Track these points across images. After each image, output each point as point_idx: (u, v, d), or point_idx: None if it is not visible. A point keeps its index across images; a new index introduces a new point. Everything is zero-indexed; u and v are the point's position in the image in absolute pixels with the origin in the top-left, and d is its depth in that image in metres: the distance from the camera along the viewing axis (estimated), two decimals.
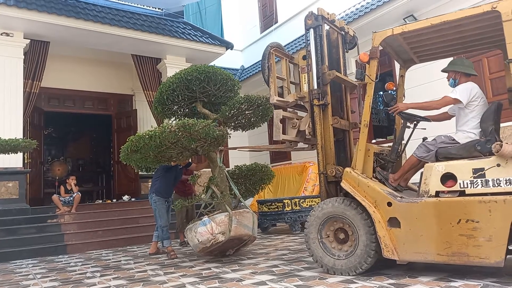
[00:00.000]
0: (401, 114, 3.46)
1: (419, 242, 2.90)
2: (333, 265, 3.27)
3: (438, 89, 5.44)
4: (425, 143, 3.30)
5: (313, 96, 3.62)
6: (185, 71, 4.97)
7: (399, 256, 2.98)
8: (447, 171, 2.91)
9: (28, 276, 4.35)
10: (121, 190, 9.74)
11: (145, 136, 4.06)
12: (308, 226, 3.44)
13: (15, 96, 7.16)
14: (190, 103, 5.26)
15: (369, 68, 3.33)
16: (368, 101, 3.31)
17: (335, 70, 3.63)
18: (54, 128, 12.11)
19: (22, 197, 7.03)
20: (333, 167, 3.54)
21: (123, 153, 4.36)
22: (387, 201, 3.06)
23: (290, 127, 3.94)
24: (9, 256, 5.79)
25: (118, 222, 7.37)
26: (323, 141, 3.61)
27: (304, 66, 3.84)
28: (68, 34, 7.56)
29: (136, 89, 9.89)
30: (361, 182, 3.23)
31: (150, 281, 3.63)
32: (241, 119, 5.25)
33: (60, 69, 8.96)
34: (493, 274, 2.93)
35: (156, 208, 5.17)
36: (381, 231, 3.03)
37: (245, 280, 3.36)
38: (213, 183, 4.74)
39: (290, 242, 5.66)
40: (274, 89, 3.84)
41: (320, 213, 3.38)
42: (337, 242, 3.34)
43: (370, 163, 3.39)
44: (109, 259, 5.36)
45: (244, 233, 4.46)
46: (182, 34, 8.68)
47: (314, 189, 8.64)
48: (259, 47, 11.59)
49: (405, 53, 3.75)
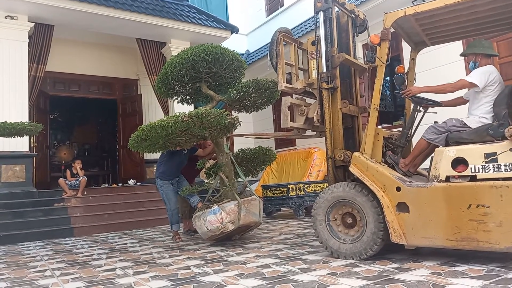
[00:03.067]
0: (413, 98, 3.38)
1: (428, 227, 2.88)
2: (338, 248, 3.27)
3: (444, 74, 5.37)
4: (435, 125, 3.25)
5: (322, 80, 3.54)
6: (191, 50, 4.85)
7: (407, 241, 2.97)
8: (458, 155, 2.87)
9: (35, 258, 4.42)
10: (126, 174, 9.80)
11: (156, 125, 4.02)
12: (316, 208, 3.43)
13: (21, 79, 7.15)
14: (194, 83, 5.17)
15: (380, 50, 3.25)
16: (378, 84, 3.24)
17: (344, 53, 3.55)
18: (59, 113, 12.15)
19: (29, 180, 7.09)
20: (341, 152, 3.49)
21: (133, 141, 4.32)
22: (396, 186, 3.03)
23: (298, 114, 3.87)
24: (16, 239, 5.88)
25: (123, 206, 7.44)
26: (331, 125, 3.55)
27: (313, 52, 3.74)
28: (72, 17, 7.50)
29: (141, 74, 9.85)
30: (369, 167, 3.19)
31: (155, 263, 3.67)
32: (246, 102, 5.23)
33: (65, 53, 8.93)
34: (498, 259, 2.92)
35: (163, 192, 5.16)
36: (390, 215, 3.01)
37: (249, 263, 3.38)
38: (221, 170, 4.73)
39: (294, 226, 5.69)
40: (282, 75, 3.76)
41: (329, 197, 3.35)
42: (345, 226, 3.32)
43: (379, 147, 3.33)
44: (115, 242, 5.42)
45: (252, 221, 4.52)
46: (187, 18, 8.58)
47: (318, 174, 8.64)
48: (265, 31, 11.47)
49: (417, 35, 3.65)
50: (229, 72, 5.20)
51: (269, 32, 11.98)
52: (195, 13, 8.95)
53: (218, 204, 4.36)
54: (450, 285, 2.38)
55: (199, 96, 5.57)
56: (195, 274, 3.13)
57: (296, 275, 2.85)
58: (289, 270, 3.02)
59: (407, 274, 2.69)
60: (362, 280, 2.59)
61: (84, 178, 7.75)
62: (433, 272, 2.70)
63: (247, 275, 2.97)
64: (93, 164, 12.96)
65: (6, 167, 6.88)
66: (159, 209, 7.55)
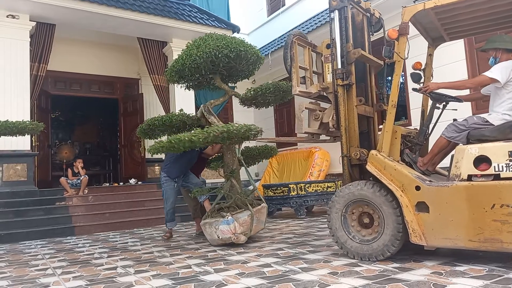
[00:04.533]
0: (431, 94, 3.27)
1: (449, 227, 2.79)
2: (354, 249, 3.17)
3: (446, 74, 5.35)
4: (455, 123, 3.12)
5: (337, 76, 3.43)
6: (213, 44, 4.65)
7: (427, 242, 2.88)
8: (481, 153, 2.76)
9: (36, 256, 4.43)
10: (127, 173, 9.82)
11: (186, 140, 3.99)
12: (332, 207, 3.33)
13: (22, 78, 7.17)
14: (208, 74, 5.06)
15: (398, 45, 3.14)
16: (396, 80, 3.15)
17: (360, 49, 3.45)
18: (61, 112, 12.17)
19: (30, 179, 7.10)
20: (357, 150, 3.37)
21: (155, 149, 4.27)
22: (415, 185, 2.94)
23: (312, 119, 3.78)
24: (18, 237, 5.89)
25: (125, 205, 7.45)
26: (346, 123, 3.44)
27: (328, 55, 3.65)
28: (74, 16, 7.51)
29: (142, 73, 9.87)
30: (387, 165, 3.09)
31: (156, 262, 3.67)
32: (259, 100, 5.24)
33: (66, 52, 8.95)
34: (499, 259, 2.92)
35: (164, 190, 5.15)
36: (409, 215, 2.92)
37: (250, 262, 3.38)
38: (233, 175, 4.71)
39: (295, 226, 5.69)
40: (297, 80, 3.67)
41: (345, 196, 3.25)
42: (361, 226, 3.22)
43: (397, 145, 3.23)
44: (116, 240, 5.43)
45: (260, 229, 4.56)
46: (188, 17, 8.58)
47: (319, 174, 8.65)
48: (266, 31, 11.47)
49: (435, 30, 3.55)
50: (246, 66, 5.14)
51: (270, 31, 11.94)
52: (197, 13, 8.95)
53: (232, 214, 4.29)
54: (451, 284, 2.37)
55: (209, 85, 5.51)
56: (196, 273, 3.13)
57: (297, 275, 2.85)
58: (289, 269, 3.02)
59: (408, 273, 2.68)
60: (363, 280, 2.59)
61: (85, 177, 7.76)
62: (434, 271, 2.69)
63: (248, 274, 2.97)
64: (95, 163, 12.97)
65: (8, 165, 6.90)
66: (160, 208, 7.52)
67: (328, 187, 7.04)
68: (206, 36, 4.89)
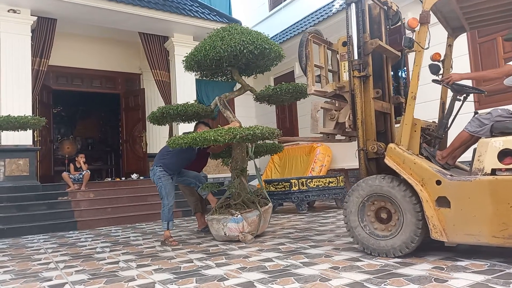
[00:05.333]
0: (453, 86, 3.17)
1: (471, 223, 2.71)
2: (371, 245, 3.09)
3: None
4: (479, 117, 3.02)
5: (354, 67, 3.32)
6: (238, 38, 4.53)
7: (448, 238, 2.80)
8: (505, 147, 2.67)
9: (39, 251, 4.45)
10: (129, 168, 9.84)
11: (212, 139, 3.95)
12: (348, 202, 3.23)
13: (24, 73, 7.17)
14: (227, 66, 4.97)
15: (419, 34, 3.03)
16: (416, 71, 3.05)
17: (377, 39, 3.33)
18: (63, 107, 12.20)
19: (33, 174, 7.12)
20: (374, 143, 3.28)
21: (176, 143, 4.18)
22: (436, 179, 2.84)
23: (328, 119, 3.68)
24: (20, 232, 5.92)
25: (127, 200, 7.48)
26: (363, 116, 3.33)
27: (344, 53, 3.54)
28: (75, 11, 7.49)
29: (143, 68, 9.85)
30: (406, 159, 3.00)
31: (158, 257, 3.69)
32: (275, 98, 5.21)
33: (67, 47, 8.94)
34: (500, 253, 2.91)
35: (162, 185, 4.56)
36: (429, 211, 2.82)
37: (251, 257, 3.39)
38: (244, 174, 4.69)
39: (297, 221, 5.70)
40: (312, 79, 3.56)
41: (363, 190, 3.16)
42: (379, 221, 3.13)
43: (416, 138, 3.13)
44: (118, 235, 5.45)
45: (265, 228, 4.57)
46: (190, 12, 8.55)
47: (321, 169, 8.65)
48: (268, 25, 11.42)
49: (456, 19, 3.46)
50: (266, 62, 5.09)
51: (272, 26, 11.92)
52: (198, 7, 8.93)
53: (241, 213, 4.28)
54: (452, 279, 2.38)
55: (224, 76, 5.44)
56: (197, 267, 3.14)
57: (298, 269, 2.85)
58: (291, 264, 3.02)
59: (409, 268, 2.69)
60: (364, 274, 2.59)
61: (87, 172, 7.79)
62: (435, 266, 2.69)
63: (249, 268, 2.98)
64: (97, 158, 13.02)
65: (10, 160, 6.92)
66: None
67: (329, 182, 7.05)
68: (230, 28, 4.78)
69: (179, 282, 2.70)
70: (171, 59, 8.92)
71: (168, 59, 8.98)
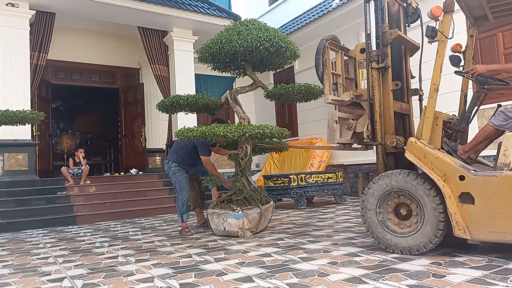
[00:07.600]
0: (478, 78, 3.05)
1: (496, 220, 2.60)
2: (391, 242, 3.01)
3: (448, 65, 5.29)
4: (505, 110, 2.92)
5: (372, 59, 3.22)
6: (255, 34, 4.48)
7: (471, 235, 2.70)
8: None
9: (38, 245, 4.45)
10: (128, 163, 9.83)
11: (221, 134, 3.92)
12: (367, 198, 3.13)
13: (22, 68, 7.14)
14: (240, 61, 4.93)
15: (442, 23, 2.93)
16: (439, 61, 2.93)
17: (397, 29, 3.21)
18: (62, 101, 12.14)
19: (32, 169, 7.12)
20: (393, 137, 3.18)
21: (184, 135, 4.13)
22: (459, 175, 2.74)
23: (344, 128, 3.57)
24: (19, 226, 5.93)
25: (126, 195, 7.48)
26: (381, 109, 3.23)
27: (362, 60, 3.40)
28: (73, 4, 7.45)
29: (142, 63, 9.82)
30: (428, 153, 2.89)
31: (157, 252, 3.69)
32: (285, 96, 5.16)
33: (66, 41, 8.90)
34: (498, 249, 2.93)
35: (177, 180, 4.69)
36: (452, 207, 2.73)
37: (250, 252, 3.40)
38: (245, 173, 4.67)
39: (296, 216, 5.71)
40: (329, 87, 3.44)
41: (381, 186, 3.06)
42: (398, 218, 3.04)
43: (438, 132, 3.01)
44: (117, 230, 5.46)
45: (265, 226, 4.57)
46: (189, 6, 8.51)
47: (320, 165, 8.66)
48: (267, 20, 11.33)
49: (479, 8, 3.31)
50: (279, 59, 5.05)
51: (272, 21, 11.88)
52: (197, 2, 8.87)
53: (242, 209, 4.28)
54: (450, 274, 2.38)
55: (236, 69, 5.37)
56: (196, 262, 3.15)
57: (297, 264, 2.86)
58: (289, 259, 3.03)
59: (407, 263, 2.70)
60: (362, 270, 2.60)
61: (86, 167, 7.78)
62: (433, 262, 2.71)
63: (248, 263, 2.99)
64: (96, 153, 13.00)
65: (9, 155, 6.91)
66: (161, 198, 7.60)
67: (328, 178, 7.06)
68: (247, 22, 4.73)
69: (178, 277, 2.71)
70: (170, 54, 8.89)
71: (167, 53, 8.95)
